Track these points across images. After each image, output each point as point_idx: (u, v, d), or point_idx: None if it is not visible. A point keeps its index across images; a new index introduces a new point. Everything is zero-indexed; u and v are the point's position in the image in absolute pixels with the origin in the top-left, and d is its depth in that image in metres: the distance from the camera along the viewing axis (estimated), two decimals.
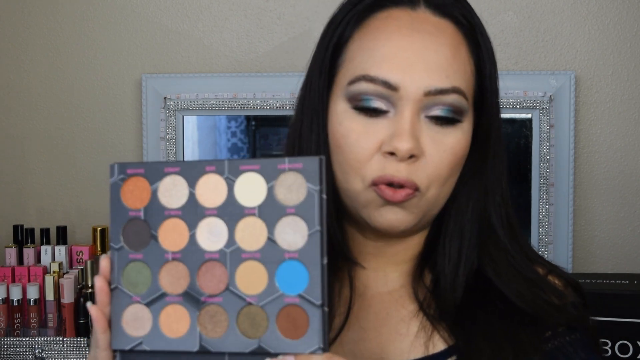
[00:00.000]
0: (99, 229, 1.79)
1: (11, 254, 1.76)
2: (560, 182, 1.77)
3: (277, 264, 0.67)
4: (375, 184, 0.80)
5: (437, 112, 0.80)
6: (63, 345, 1.63)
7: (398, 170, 0.78)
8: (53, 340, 1.63)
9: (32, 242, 1.79)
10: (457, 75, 0.80)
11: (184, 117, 1.83)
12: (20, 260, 1.76)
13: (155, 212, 0.70)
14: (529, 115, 1.77)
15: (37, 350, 1.63)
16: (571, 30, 1.80)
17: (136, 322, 0.69)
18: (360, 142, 0.80)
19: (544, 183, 1.76)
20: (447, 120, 0.80)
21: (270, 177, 0.68)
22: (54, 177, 1.89)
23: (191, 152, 1.87)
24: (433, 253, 0.87)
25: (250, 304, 0.68)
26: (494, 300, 0.83)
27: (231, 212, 0.69)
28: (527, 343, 0.81)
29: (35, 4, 1.87)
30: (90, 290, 1.68)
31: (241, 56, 1.84)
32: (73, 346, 1.63)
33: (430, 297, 0.85)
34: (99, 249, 1.78)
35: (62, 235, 1.79)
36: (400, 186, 0.79)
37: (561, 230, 1.77)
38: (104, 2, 1.86)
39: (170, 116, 1.82)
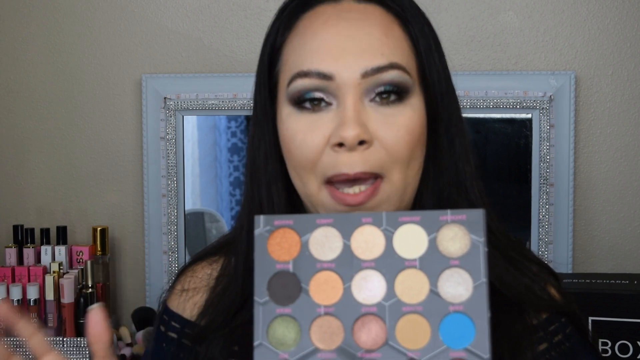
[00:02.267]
0: (98, 229, 1.79)
1: (11, 254, 1.76)
2: (560, 182, 1.77)
3: (440, 317, 0.65)
4: (329, 182, 0.78)
5: (380, 89, 0.78)
6: (63, 345, 1.63)
7: (352, 163, 0.77)
8: (53, 340, 1.63)
9: (32, 242, 1.80)
10: (393, 52, 0.79)
11: (184, 117, 1.83)
12: (20, 260, 1.76)
13: (306, 264, 0.67)
14: (529, 115, 1.77)
15: None
16: (571, 30, 1.80)
17: None
18: (307, 141, 0.78)
19: (544, 183, 1.76)
20: (393, 95, 0.78)
21: (431, 228, 0.67)
22: (54, 177, 1.89)
23: (191, 152, 1.87)
24: None
25: (412, 359, 0.65)
26: None
27: (390, 264, 0.67)
28: (521, 339, 0.80)
29: (35, 4, 1.87)
30: (90, 290, 1.68)
31: (241, 56, 1.84)
32: (73, 346, 1.63)
33: None
34: (99, 249, 1.78)
35: (62, 235, 1.79)
36: (357, 179, 0.77)
37: (561, 230, 1.77)
38: (104, 2, 1.86)
39: (170, 116, 1.82)
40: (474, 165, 0.86)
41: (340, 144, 0.77)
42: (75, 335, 1.65)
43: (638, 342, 1.42)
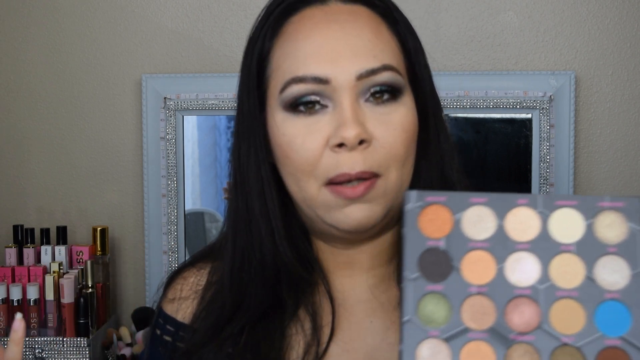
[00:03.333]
0: (98, 229, 1.79)
1: (11, 254, 1.76)
2: (560, 182, 1.77)
3: (596, 304, 0.65)
4: (331, 183, 0.78)
5: (375, 89, 0.79)
6: (63, 345, 1.63)
7: (353, 163, 0.77)
8: (53, 340, 1.63)
9: (32, 242, 1.79)
10: (384, 53, 0.79)
11: (184, 117, 1.83)
12: (20, 260, 1.76)
13: (458, 242, 0.67)
14: (529, 115, 1.77)
15: (37, 350, 1.63)
16: (571, 30, 1.80)
17: (432, 358, 0.64)
18: (306, 144, 0.78)
19: (544, 183, 1.76)
20: (387, 94, 0.79)
21: (588, 214, 0.66)
22: (54, 177, 1.89)
23: (191, 152, 1.87)
24: None
25: (565, 344, 0.64)
26: None
27: (545, 247, 0.66)
28: None
29: (35, 4, 1.87)
30: (90, 290, 1.68)
31: (241, 56, 1.84)
32: (73, 346, 1.63)
33: None
34: (99, 249, 1.78)
35: (62, 235, 1.79)
36: (358, 179, 0.77)
37: None
38: (104, 2, 1.86)
39: (170, 116, 1.82)
40: (458, 161, 0.86)
41: (341, 145, 0.77)
42: (75, 335, 1.65)
43: None
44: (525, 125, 1.77)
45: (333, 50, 0.78)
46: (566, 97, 1.76)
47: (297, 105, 0.79)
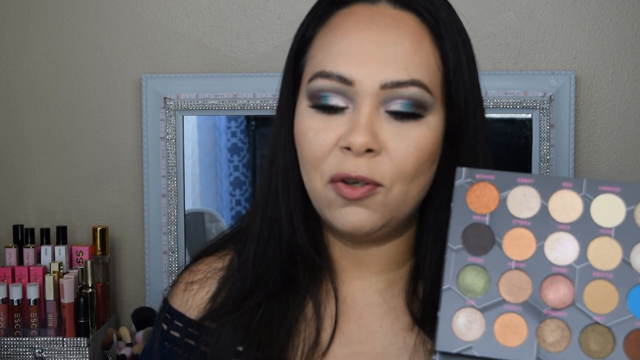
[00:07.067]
0: (98, 229, 1.79)
1: (11, 254, 1.76)
2: None
3: (630, 287, 0.67)
4: (333, 180, 0.78)
5: (396, 106, 0.77)
6: (63, 345, 1.63)
7: (356, 167, 0.77)
8: (53, 340, 1.63)
9: (32, 242, 1.79)
10: (417, 68, 0.78)
11: (184, 117, 1.83)
12: (20, 260, 1.76)
13: (502, 219, 0.70)
14: (529, 115, 1.77)
15: (37, 350, 1.63)
16: (571, 30, 1.80)
17: (467, 327, 0.68)
18: (317, 139, 0.79)
19: None
20: (407, 115, 0.78)
21: (630, 201, 0.68)
22: (54, 177, 1.89)
23: (191, 152, 1.87)
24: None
25: (596, 322, 0.67)
26: None
27: (585, 229, 0.68)
28: None
29: (36, 4, 1.87)
30: (90, 290, 1.68)
31: (241, 56, 1.84)
32: (73, 346, 1.63)
33: (425, 309, 0.83)
34: (99, 249, 1.78)
35: (62, 235, 1.79)
36: (357, 182, 0.77)
37: None
38: (104, 2, 1.86)
39: (170, 116, 1.82)
40: None
41: (348, 148, 0.77)
42: (75, 335, 1.65)
43: None
44: (525, 125, 1.77)
45: (364, 53, 0.78)
46: (566, 97, 1.76)
47: (320, 106, 0.79)
